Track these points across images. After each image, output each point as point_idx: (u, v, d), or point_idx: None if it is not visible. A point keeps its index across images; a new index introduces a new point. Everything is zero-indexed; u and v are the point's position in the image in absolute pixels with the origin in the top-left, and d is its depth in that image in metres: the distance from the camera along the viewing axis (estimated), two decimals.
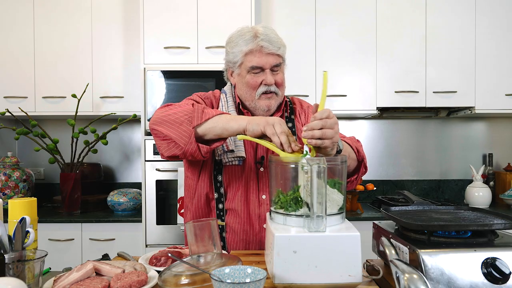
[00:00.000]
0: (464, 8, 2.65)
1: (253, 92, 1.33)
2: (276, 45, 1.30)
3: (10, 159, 2.61)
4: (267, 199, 1.34)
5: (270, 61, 1.30)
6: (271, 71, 1.32)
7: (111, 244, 2.37)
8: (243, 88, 1.36)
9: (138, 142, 2.99)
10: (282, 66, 1.35)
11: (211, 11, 2.44)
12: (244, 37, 1.31)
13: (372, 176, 2.99)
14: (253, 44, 1.29)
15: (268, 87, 1.31)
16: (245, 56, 1.31)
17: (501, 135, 3.04)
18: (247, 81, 1.33)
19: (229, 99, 1.41)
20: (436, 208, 1.13)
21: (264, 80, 1.31)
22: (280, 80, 1.34)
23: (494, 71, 2.64)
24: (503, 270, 0.81)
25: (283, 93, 1.38)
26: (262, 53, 1.29)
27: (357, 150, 1.32)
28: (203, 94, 1.45)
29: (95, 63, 2.64)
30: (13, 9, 2.62)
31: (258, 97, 1.33)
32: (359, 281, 0.90)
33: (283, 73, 1.37)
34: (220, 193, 1.35)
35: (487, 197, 2.61)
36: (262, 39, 1.28)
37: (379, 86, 2.65)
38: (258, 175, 1.36)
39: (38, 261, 0.91)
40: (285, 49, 1.34)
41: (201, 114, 1.19)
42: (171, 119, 1.22)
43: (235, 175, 1.35)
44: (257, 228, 1.34)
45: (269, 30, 1.33)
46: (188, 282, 0.90)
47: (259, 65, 1.30)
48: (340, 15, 2.65)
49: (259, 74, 1.31)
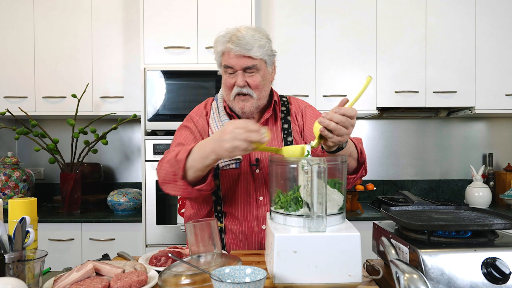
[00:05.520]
0: (464, 8, 2.65)
1: (229, 93, 1.34)
2: (247, 46, 1.26)
3: (10, 159, 2.61)
4: (264, 200, 1.35)
5: (240, 63, 1.28)
6: (244, 73, 1.30)
7: (111, 244, 2.37)
8: (223, 89, 1.38)
9: (138, 142, 2.99)
10: (260, 67, 1.31)
11: (211, 11, 2.44)
12: (223, 38, 1.31)
13: (372, 176, 2.99)
14: (224, 46, 1.29)
15: (240, 89, 1.31)
16: (222, 56, 1.33)
17: (501, 135, 3.04)
18: (224, 81, 1.35)
19: (220, 105, 1.41)
20: (436, 208, 1.13)
21: (236, 81, 1.31)
22: (254, 82, 1.30)
23: (494, 71, 2.64)
24: (503, 270, 0.81)
25: (261, 95, 1.34)
26: (230, 54, 1.29)
27: (361, 151, 1.32)
28: (196, 112, 1.45)
29: (95, 63, 2.64)
30: (13, 9, 2.62)
31: (233, 99, 1.33)
32: (359, 281, 0.90)
33: (262, 75, 1.32)
34: (218, 195, 1.36)
35: (487, 197, 2.61)
36: (232, 41, 1.27)
37: (379, 86, 2.65)
38: (254, 177, 1.36)
39: (38, 261, 0.91)
40: (263, 50, 1.29)
41: (178, 164, 1.18)
42: (166, 179, 1.24)
43: (232, 178, 1.35)
44: (256, 229, 1.34)
45: (250, 31, 1.29)
46: (188, 282, 0.90)
47: (230, 65, 1.30)
48: (340, 15, 2.65)
49: (233, 75, 1.32)
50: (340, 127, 1.03)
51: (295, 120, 1.44)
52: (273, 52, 1.35)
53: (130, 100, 2.63)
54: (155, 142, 2.34)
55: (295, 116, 1.44)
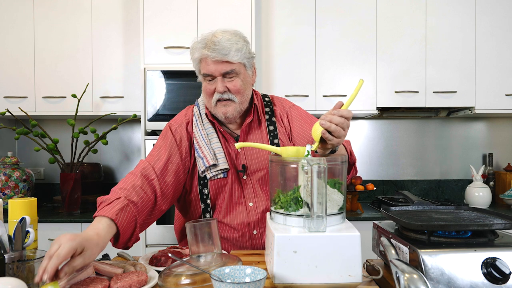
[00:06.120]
0: (464, 8, 2.65)
1: (210, 99, 1.32)
2: (224, 51, 1.23)
3: (10, 159, 2.61)
4: (254, 206, 1.34)
5: (219, 69, 1.26)
6: (223, 78, 1.28)
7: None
8: (203, 95, 1.35)
9: (138, 142, 2.99)
10: (239, 71, 1.29)
11: (211, 11, 2.44)
12: (199, 44, 1.28)
13: (372, 176, 2.99)
14: (200, 52, 1.27)
15: (221, 95, 1.29)
16: (200, 64, 1.30)
17: (501, 135, 3.04)
18: (203, 88, 1.33)
19: (202, 111, 1.40)
20: (436, 208, 1.13)
21: (216, 88, 1.29)
22: (234, 86, 1.28)
23: (494, 71, 2.64)
24: (503, 270, 0.81)
25: (243, 100, 1.32)
26: (207, 61, 1.27)
27: (351, 153, 1.32)
28: (176, 120, 1.42)
29: (95, 63, 2.64)
30: (13, 9, 2.62)
31: (214, 105, 1.31)
32: (359, 281, 0.90)
33: (242, 79, 1.30)
34: (206, 203, 1.36)
35: (487, 197, 2.61)
36: (208, 47, 1.24)
37: (379, 86, 2.65)
38: (242, 184, 1.35)
39: (38, 261, 0.91)
40: (241, 53, 1.26)
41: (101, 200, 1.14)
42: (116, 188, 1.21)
43: (220, 187, 1.34)
44: (247, 235, 1.34)
45: (226, 35, 1.27)
46: (188, 282, 0.90)
47: (208, 73, 1.28)
48: (340, 15, 2.65)
49: (212, 81, 1.30)
50: (339, 129, 1.03)
51: (281, 122, 1.41)
52: (251, 54, 1.32)
53: (130, 100, 2.63)
54: (155, 142, 2.34)
55: (280, 118, 1.42)
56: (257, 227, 1.34)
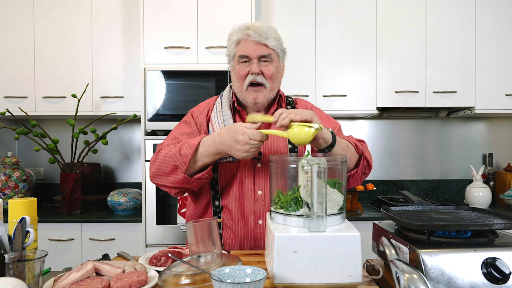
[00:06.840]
0: (464, 8, 2.65)
1: (242, 83, 1.35)
2: (264, 35, 1.31)
3: (10, 159, 2.61)
4: (263, 195, 1.34)
5: (257, 51, 1.32)
6: (258, 61, 1.33)
7: (111, 244, 2.37)
8: (234, 80, 1.39)
9: (138, 142, 2.99)
10: (274, 58, 1.35)
11: (211, 11, 2.44)
12: (239, 28, 1.35)
13: (372, 176, 2.98)
14: (241, 33, 1.33)
15: (254, 77, 1.32)
16: (236, 47, 1.36)
17: (501, 135, 3.04)
18: (237, 71, 1.36)
19: (224, 101, 1.42)
20: (436, 208, 1.13)
21: (250, 69, 1.32)
22: (268, 71, 1.34)
23: (494, 71, 2.64)
24: (503, 270, 0.81)
25: (273, 86, 1.37)
26: (248, 42, 1.32)
27: (355, 145, 1.32)
28: (198, 108, 1.48)
29: (95, 63, 2.64)
30: (13, 9, 2.62)
31: (246, 89, 1.35)
32: (359, 281, 0.90)
33: (275, 67, 1.36)
34: (216, 190, 1.37)
35: (487, 197, 2.61)
36: (250, 29, 1.32)
37: (379, 86, 2.65)
38: (254, 171, 1.35)
39: (38, 261, 0.91)
40: (278, 43, 1.35)
41: (183, 158, 1.25)
42: (161, 171, 1.30)
43: (229, 172, 1.35)
44: (252, 224, 1.33)
45: (264, 24, 1.35)
46: (188, 282, 0.90)
47: (245, 54, 1.33)
48: (340, 15, 2.65)
49: (247, 64, 1.34)
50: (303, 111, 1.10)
51: None
52: (284, 49, 1.41)
53: (130, 100, 2.63)
54: (155, 142, 2.34)
55: None
56: (263, 217, 1.34)
